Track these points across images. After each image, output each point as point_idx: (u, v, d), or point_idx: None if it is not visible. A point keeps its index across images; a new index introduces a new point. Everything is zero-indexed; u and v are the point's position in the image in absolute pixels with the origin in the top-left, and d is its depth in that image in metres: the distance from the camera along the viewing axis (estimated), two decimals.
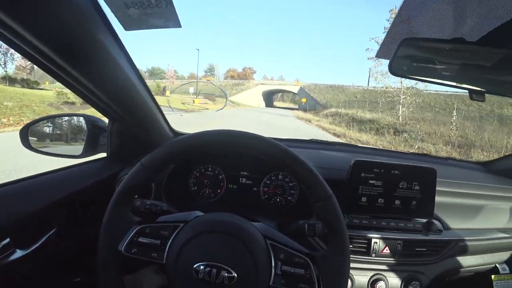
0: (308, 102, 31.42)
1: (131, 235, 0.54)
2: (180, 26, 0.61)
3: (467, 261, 0.99)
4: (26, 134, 0.90)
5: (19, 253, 0.65)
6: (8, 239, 0.63)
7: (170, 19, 0.60)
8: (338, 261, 0.53)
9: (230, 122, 12.11)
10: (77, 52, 0.57)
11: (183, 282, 0.51)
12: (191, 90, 22.91)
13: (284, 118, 19.07)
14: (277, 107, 44.52)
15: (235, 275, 0.49)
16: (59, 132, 0.99)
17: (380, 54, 0.73)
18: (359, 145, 1.39)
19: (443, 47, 0.60)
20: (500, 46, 0.59)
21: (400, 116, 16.25)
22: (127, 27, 0.62)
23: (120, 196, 0.54)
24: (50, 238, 0.73)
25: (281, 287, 0.52)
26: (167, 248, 0.53)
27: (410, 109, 16.32)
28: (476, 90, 0.61)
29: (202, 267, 0.49)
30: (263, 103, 41.13)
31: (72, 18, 0.50)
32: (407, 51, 0.58)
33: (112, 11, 0.58)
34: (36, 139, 0.93)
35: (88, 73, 0.63)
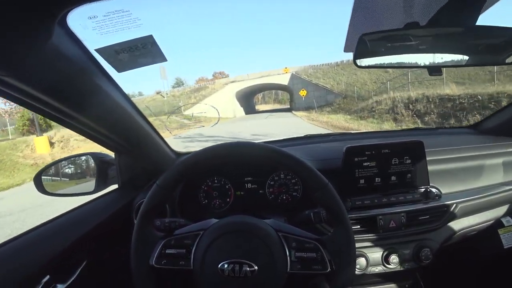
0: (310, 94, 22.55)
1: (158, 248, 0.60)
2: (166, 60, 0.69)
3: (471, 221, 1.04)
4: (39, 181, 0.97)
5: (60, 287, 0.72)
6: (48, 276, 0.70)
7: (156, 56, 0.67)
8: (343, 240, 0.60)
9: None
10: (79, 99, 0.64)
11: (211, 282, 0.57)
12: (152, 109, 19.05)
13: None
14: (262, 112, 34.46)
15: (256, 267, 0.56)
16: (69, 173, 1.05)
17: (346, 49, 0.81)
18: (351, 131, 1.47)
19: (398, 34, 0.68)
20: (445, 25, 0.67)
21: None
22: (120, 69, 0.70)
23: (144, 217, 0.61)
24: (83, 271, 0.79)
25: (298, 271, 0.59)
26: (192, 255, 0.60)
27: None
28: (433, 66, 0.69)
29: (226, 265, 0.56)
30: (240, 110, 30.18)
31: (71, 70, 0.58)
32: (367, 45, 0.66)
33: (105, 59, 0.66)
34: (49, 183, 1.00)
35: (91, 115, 0.70)
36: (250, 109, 36.72)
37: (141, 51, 0.65)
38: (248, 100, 38.40)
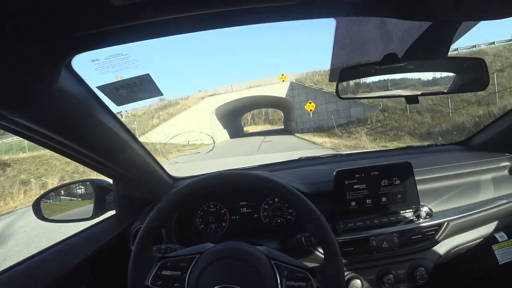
0: (320, 108, 17.54)
1: (155, 269, 0.63)
2: (162, 95, 0.74)
3: (464, 238, 1.05)
4: (38, 207, 1.00)
5: None
6: None
7: (153, 91, 0.72)
8: (333, 272, 0.62)
9: None
10: (81, 132, 0.69)
11: None
12: None
13: None
14: (252, 134, 27.84)
15: None
16: (68, 199, 1.08)
17: (331, 78, 0.87)
18: (343, 152, 1.51)
19: (375, 68, 0.74)
20: (421, 57, 0.73)
21: None
22: (119, 103, 0.75)
23: (143, 238, 0.64)
24: None
25: None
26: (187, 278, 0.62)
27: None
28: (410, 95, 0.75)
29: None
30: (223, 133, 23.69)
31: (75, 107, 0.63)
32: (347, 78, 0.72)
33: (105, 95, 0.71)
34: (48, 210, 1.02)
35: (91, 146, 0.74)
36: (236, 131, 29.19)
37: (138, 87, 0.70)
38: (234, 120, 31.04)
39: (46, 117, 0.58)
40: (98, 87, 0.69)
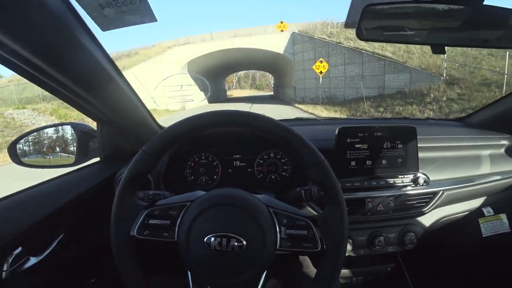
0: (337, 72, 13.25)
1: (141, 218, 0.57)
2: (156, 20, 0.64)
3: (455, 209, 1.07)
4: (14, 151, 0.91)
5: (32, 260, 0.67)
6: (20, 248, 0.65)
7: (145, 14, 0.62)
8: (336, 219, 0.58)
9: None
10: (61, 57, 0.58)
11: (196, 256, 0.54)
12: None
13: None
14: (237, 100, 23.02)
15: (244, 242, 0.53)
16: (47, 143, 0.99)
17: (348, 25, 0.77)
18: (343, 117, 1.46)
19: (403, 7, 0.65)
20: (452, 2, 0.64)
21: None
22: (104, 27, 0.64)
23: (126, 184, 0.57)
24: (60, 244, 0.75)
25: (288, 248, 0.57)
26: (177, 227, 0.56)
27: None
28: (436, 44, 0.67)
29: (212, 239, 0.53)
30: (199, 96, 15.45)
31: (51, 24, 0.52)
32: (370, 17, 0.63)
33: (88, 14, 0.60)
34: (26, 154, 0.93)
35: (73, 77, 0.64)
36: (217, 94, 22.83)
37: (128, 7, 0.59)
38: (216, 81, 24.25)
39: (15, 27, 0.47)
40: (79, 2, 0.58)
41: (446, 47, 0.67)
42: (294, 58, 16.38)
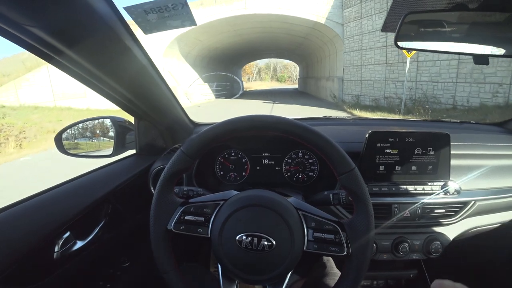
0: (429, 55, 7.27)
1: (178, 214, 0.61)
2: (196, 24, 0.66)
3: (486, 220, 1.02)
4: (60, 141, 0.99)
5: (79, 244, 0.75)
6: (68, 232, 0.72)
7: (186, 19, 0.64)
8: (364, 225, 0.59)
9: None
10: (105, 57, 0.63)
11: (227, 252, 0.58)
12: None
13: None
14: (256, 97, 16.50)
15: (274, 242, 0.56)
16: (88, 135, 1.06)
17: (385, 28, 0.76)
18: (371, 117, 1.43)
19: (444, 17, 0.62)
20: (497, 9, 0.61)
21: None
22: (147, 31, 0.67)
23: (165, 182, 0.61)
24: (101, 230, 0.82)
25: (314, 251, 0.59)
26: (210, 224, 0.60)
27: None
28: (479, 54, 0.64)
29: (244, 237, 0.56)
30: (197, 91, 13.84)
31: (98, 26, 0.56)
32: (410, 24, 0.61)
33: (133, 19, 0.63)
34: (69, 144, 1.02)
35: (116, 76, 0.69)
36: (228, 86, 17.60)
37: (170, 13, 0.62)
38: (226, 69, 18.46)
39: (66, 31, 0.52)
40: (126, 8, 0.61)
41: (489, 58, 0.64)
42: (342, 31, 10.75)
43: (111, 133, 1.03)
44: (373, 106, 9.55)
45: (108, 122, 1.03)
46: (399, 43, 0.63)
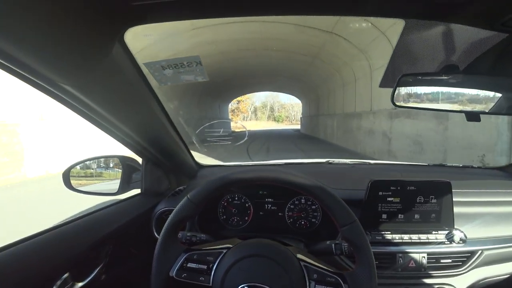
0: None
1: (180, 261, 0.61)
2: (207, 79, 0.72)
3: (497, 270, 0.98)
4: (67, 177, 1.01)
5: (77, 286, 0.73)
6: (67, 273, 0.71)
7: (199, 75, 0.71)
8: (366, 277, 0.59)
9: None
10: (124, 108, 0.68)
11: None
12: None
13: None
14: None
15: None
16: (95, 172, 1.09)
17: (383, 84, 0.82)
18: (372, 161, 1.45)
19: (437, 78, 0.68)
20: (484, 73, 0.67)
21: None
22: (162, 83, 0.73)
23: (170, 228, 0.62)
24: (101, 271, 0.81)
25: None
26: (212, 272, 0.60)
27: None
28: (470, 112, 0.69)
29: (246, 287, 0.56)
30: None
31: (122, 82, 0.62)
32: (405, 85, 0.67)
33: (151, 73, 0.70)
34: (76, 180, 1.04)
35: (131, 124, 0.74)
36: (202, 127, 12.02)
37: (185, 69, 0.69)
38: (204, 103, 15.56)
39: (93, 88, 0.57)
40: (146, 64, 0.68)
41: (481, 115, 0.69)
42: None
43: (118, 171, 1.06)
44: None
45: (116, 160, 1.07)
46: (396, 102, 0.68)
